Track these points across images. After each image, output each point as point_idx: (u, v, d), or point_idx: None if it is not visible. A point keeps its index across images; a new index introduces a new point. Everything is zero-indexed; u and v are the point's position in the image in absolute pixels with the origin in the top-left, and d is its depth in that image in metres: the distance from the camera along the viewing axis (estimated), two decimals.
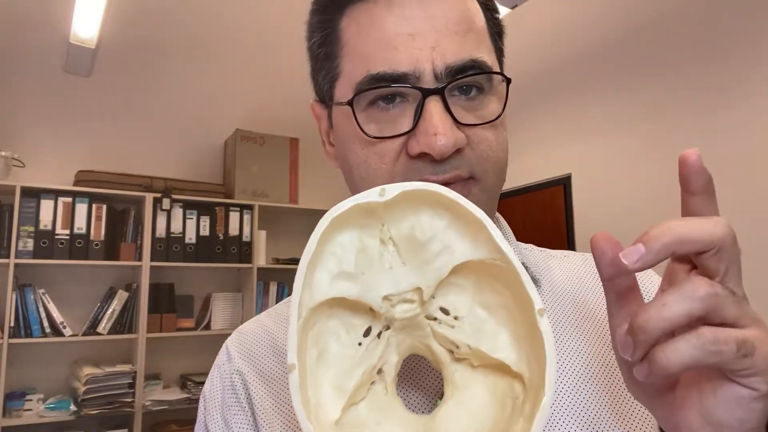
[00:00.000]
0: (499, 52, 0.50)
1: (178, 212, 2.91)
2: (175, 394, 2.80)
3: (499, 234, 0.34)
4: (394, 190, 0.34)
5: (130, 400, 2.61)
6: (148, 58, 2.85)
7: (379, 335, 0.36)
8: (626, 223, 2.64)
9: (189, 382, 2.86)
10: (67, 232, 2.61)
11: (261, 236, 3.13)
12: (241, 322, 3.54)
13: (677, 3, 2.45)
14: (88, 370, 2.55)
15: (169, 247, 2.85)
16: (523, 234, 3.03)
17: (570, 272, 0.55)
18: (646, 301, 0.34)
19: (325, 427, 0.32)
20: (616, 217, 2.70)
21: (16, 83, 2.81)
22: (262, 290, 3.10)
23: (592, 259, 0.54)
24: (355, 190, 0.48)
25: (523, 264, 0.41)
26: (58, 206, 2.61)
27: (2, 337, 2.43)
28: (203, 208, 2.99)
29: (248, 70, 3.20)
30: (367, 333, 0.36)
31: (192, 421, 2.86)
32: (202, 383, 2.81)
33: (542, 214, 3.13)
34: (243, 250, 3.05)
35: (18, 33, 2.56)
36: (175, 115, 3.22)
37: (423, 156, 0.42)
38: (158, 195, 2.82)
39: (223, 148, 3.37)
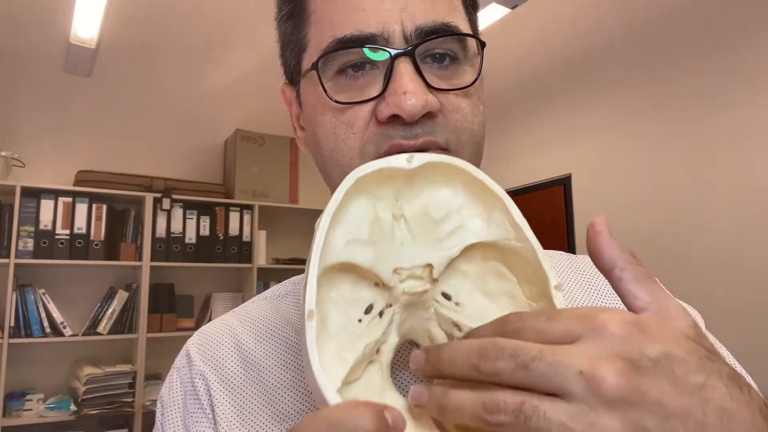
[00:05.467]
0: (473, 25, 0.47)
1: (178, 212, 2.91)
2: None
3: (518, 211, 0.34)
4: (421, 158, 0.35)
5: (130, 400, 2.61)
6: (148, 58, 2.85)
7: (380, 314, 0.35)
8: (626, 223, 2.64)
9: None
10: (67, 232, 2.61)
11: (261, 236, 3.13)
12: None
13: (677, 3, 2.45)
14: (88, 370, 2.55)
15: (169, 247, 2.85)
16: None
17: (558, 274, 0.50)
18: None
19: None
20: (616, 218, 2.70)
21: (16, 83, 2.81)
22: (262, 290, 3.08)
23: (581, 261, 0.52)
24: (324, 169, 0.45)
25: None
26: (58, 206, 2.60)
27: (2, 337, 2.43)
28: (203, 208, 2.99)
29: (248, 70, 3.20)
30: (367, 311, 0.35)
31: None
32: None
33: (542, 214, 3.13)
34: (243, 250, 3.05)
35: (18, 33, 2.56)
36: (175, 115, 3.22)
37: (393, 119, 0.39)
38: (158, 195, 2.82)
39: (223, 148, 3.37)
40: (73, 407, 2.51)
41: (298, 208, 3.25)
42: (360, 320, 0.34)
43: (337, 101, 0.41)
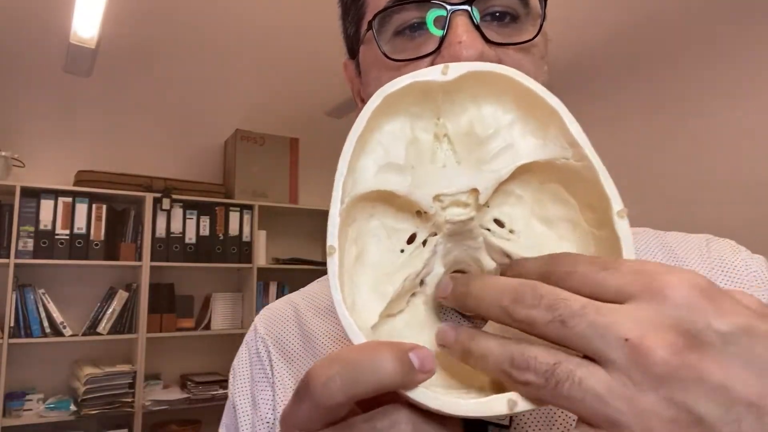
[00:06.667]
0: None
1: (178, 212, 2.91)
2: (175, 394, 2.80)
3: (577, 126, 0.29)
4: (459, 68, 0.30)
5: (130, 400, 2.61)
6: (148, 58, 2.85)
7: (424, 243, 0.32)
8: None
9: (189, 382, 2.86)
10: (67, 232, 2.61)
11: (261, 236, 3.13)
12: (241, 322, 3.49)
13: (676, 3, 2.45)
14: (88, 370, 2.55)
15: (169, 247, 2.85)
16: None
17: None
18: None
19: (362, 330, 0.28)
20: None
21: (16, 83, 2.81)
22: (262, 290, 3.10)
23: (671, 237, 0.49)
24: None
25: None
26: (58, 206, 2.60)
27: (2, 337, 2.43)
28: (203, 208, 2.98)
29: (248, 70, 3.20)
30: (410, 241, 0.32)
31: (192, 422, 2.86)
32: (203, 383, 2.82)
33: None
34: (243, 250, 3.05)
35: (18, 33, 2.56)
36: (175, 115, 3.22)
37: None
38: (158, 195, 2.82)
39: (223, 148, 3.37)
40: (73, 407, 2.51)
41: (298, 208, 3.25)
42: (402, 250, 0.31)
43: (393, 59, 0.40)
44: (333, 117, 3.21)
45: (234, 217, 3.05)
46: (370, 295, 0.29)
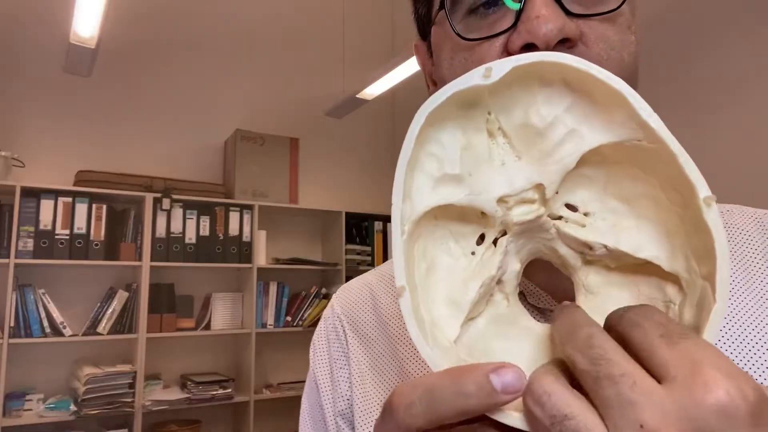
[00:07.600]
0: None
1: (178, 212, 2.91)
2: (175, 394, 2.80)
3: (646, 106, 0.26)
4: (502, 67, 0.28)
5: (130, 400, 2.61)
6: (148, 58, 2.85)
7: (495, 242, 0.30)
8: None
9: (189, 382, 2.85)
10: (67, 232, 2.61)
11: (261, 236, 3.13)
12: (241, 323, 3.48)
13: (676, 3, 2.45)
14: (88, 370, 2.55)
15: (169, 247, 2.85)
16: None
17: (737, 242, 0.43)
18: None
19: (443, 347, 0.27)
20: None
21: (16, 83, 2.81)
22: (262, 290, 3.10)
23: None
24: None
25: None
26: (58, 206, 2.60)
27: (2, 337, 2.43)
28: (203, 208, 2.99)
29: (248, 70, 3.20)
30: (480, 241, 0.31)
31: (192, 422, 2.86)
32: (203, 383, 2.82)
33: None
34: (243, 250, 3.05)
35: (18, 33, 2.56)
36: (175, 115, 3.22)
37: (527, 50, 0.35)
38: (158, 195, 2.82)
39: (223, 148, 3.37)
40: (73, 407, 2.51)
41: (298, 208, 3.25)
42: (473, 253, 0.30)
43: (465, 38, 0.38)
44: (333, 117, 3.21)
45: (234, 217, 3.05)
46: (447, 308, 0.29)
